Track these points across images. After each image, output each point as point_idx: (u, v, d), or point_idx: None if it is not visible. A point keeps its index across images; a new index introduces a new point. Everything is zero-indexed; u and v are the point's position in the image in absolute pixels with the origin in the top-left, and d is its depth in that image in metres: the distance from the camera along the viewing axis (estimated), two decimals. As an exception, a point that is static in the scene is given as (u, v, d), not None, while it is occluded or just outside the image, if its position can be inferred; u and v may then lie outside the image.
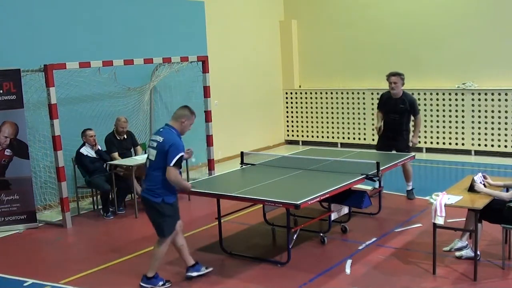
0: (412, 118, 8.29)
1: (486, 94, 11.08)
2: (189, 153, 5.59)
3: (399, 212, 7.67)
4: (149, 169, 5.29)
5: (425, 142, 11.87)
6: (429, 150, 11.82)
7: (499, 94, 10.94)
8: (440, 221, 5.22)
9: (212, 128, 9.78)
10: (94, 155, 8.15)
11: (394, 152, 8.10)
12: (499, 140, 11.07)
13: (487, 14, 11.11)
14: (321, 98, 13.13)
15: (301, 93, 13.44)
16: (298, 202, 5.37)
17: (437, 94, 11.63)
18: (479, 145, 11.31)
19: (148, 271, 5.42)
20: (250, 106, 12.58)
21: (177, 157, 5.12)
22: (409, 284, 5.30)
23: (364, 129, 12.58)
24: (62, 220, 7.74)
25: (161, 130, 5.37)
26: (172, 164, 5.10)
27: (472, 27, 11.26)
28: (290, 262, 5.87)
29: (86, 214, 8.35)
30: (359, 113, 12.62)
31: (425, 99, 11.73)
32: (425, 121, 11.74)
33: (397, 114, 8.10)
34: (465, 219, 5.86)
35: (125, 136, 8.60)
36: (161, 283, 5.40)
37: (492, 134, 11.12)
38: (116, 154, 8.37)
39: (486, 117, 11.14)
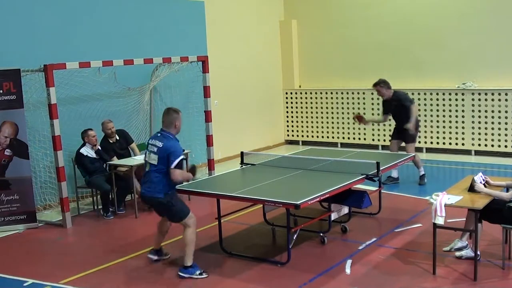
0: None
1: (486, 94, 11.08)
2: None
3: (399, 212, 7.66)
4: (150, 172, 5.71)
5: (425, 142, 11.88)
6: (429, 150, 11.82)
7: (499, 94, 10.94)
8: (440, 221, 5.22)
9: (212, 128, 9.78)
10: (94, 155, 8.15)
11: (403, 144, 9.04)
12: (499, 140, 11.07)
13: (487, 14, 11.11)
14: (321, 98, 13.13)
15: (301, 93, 13.44)
16: (298, 202, 5.37)
17: (437, 94, 11.63)
18: (479, 145, 11.30)
19: (185, 260, 5.65)
20: (250, 106, 12.58)
21: (177, 160, 5.56)
22: (409, 284, 5.30)
23: (364, 129, 12.57)
24: (62, 220, 7.74)
25: (158, 135, 5.79)
26: (173, 166, 5.54)
27: (472, 27, 11.26)
28: (290, 262, 5.87)
29: (86, 214, 8.35)
30: (359, 113, 12.59)
31: (425, 99, 11.73)
32: (425, 121, 11.75)
33: (396, 111, 9.10)
34: (465, 219, 5.86)
35: (117, 137, 8.59)
36: (198, 272, 5.62)
37: (492, 134, 11.12)
38: (114, 158, 8.38)
39: (486, 117, 11.14)
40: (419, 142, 11.81)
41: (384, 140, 11.97)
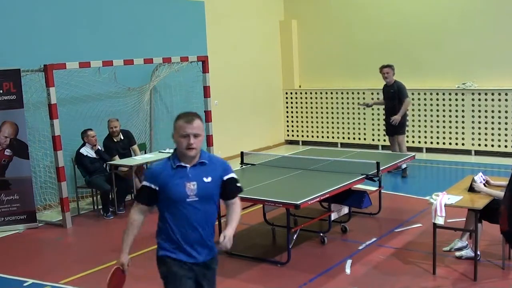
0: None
1: (486, 94, 11.08)
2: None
3: (399, 212, 7.67)
4: None
5: (425, 142, 11.88)
6: (429, 150, 11.82)
7: (499, 94, 10.94)
8: (440, 221, 5.22)
9: (212, 128, 9.78)
10: (94, 155, 8.15)
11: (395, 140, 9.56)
12: (499, 140, 11.07)
13: (487, 14, 11.11)
14: (321, 98, 13.13)
15: (301, 93, 13.44)
16: (298, 202, 5.38)
17: (437, 94, 11.63)
18: (479, 145, 11.30)
19: None
20: (250, 106, 12.58)
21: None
22: (409, 284, 5.30)
23: (364, 129, 12.58)
24: (62, 220, 7.74)
25: None
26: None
27: (472, 27, 11.26)
28: (290, 262, 5.88)
29: (86, 214, 8.35)
30: (359, 113, 12.61)
31: (425, 99, 11.72)
32: (425, 121, 11.76)
33: (389, 99, 9.64)
34: (465, 219, 5.86)
35: (122, 137, 8.60)
36: None
37: (492, 134, 11.12)
38: (116, 157, 8.38)
39: (486, 117, 11.14)
40: (419, 142, 11.83)
41: (384, 140, 11.96)
